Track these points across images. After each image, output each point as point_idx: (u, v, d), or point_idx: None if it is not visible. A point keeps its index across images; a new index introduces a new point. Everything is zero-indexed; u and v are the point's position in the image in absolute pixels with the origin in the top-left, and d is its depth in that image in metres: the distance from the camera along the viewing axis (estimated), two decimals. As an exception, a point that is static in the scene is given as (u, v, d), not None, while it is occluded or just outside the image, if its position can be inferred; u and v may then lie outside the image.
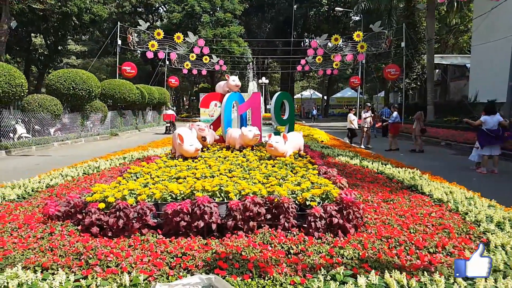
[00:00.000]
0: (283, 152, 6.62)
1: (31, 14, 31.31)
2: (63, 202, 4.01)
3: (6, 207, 4.86)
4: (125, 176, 5.03)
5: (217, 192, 3.98)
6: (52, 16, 33.97)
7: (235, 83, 9.54)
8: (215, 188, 4.00)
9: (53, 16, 34.13)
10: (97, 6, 36.75)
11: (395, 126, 14.42)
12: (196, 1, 36.76)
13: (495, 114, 9.94)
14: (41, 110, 14.85)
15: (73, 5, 33.49)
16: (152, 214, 3.82)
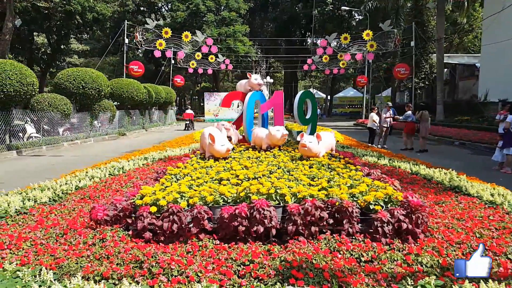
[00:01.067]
0: (316, 153, 6.42)
1: (35, 12, 31.03)
2: (111, 206, 3.79)
3: (40, 210, 4.65)
4: (167, 178, 4.81)
5: (273, 195, 3.77)
6: (55, 15, 33.69)
7: (257, 81, 9.34)
8: (271, 191, 3.79)
9: (57, 15, 33.85)
10: (100, 4, 36.53)
11: (410, 125, 14.21)
12: (200, 0, 36.50)
13: None
14: (51, 109, 14.60)
15: (76, 3, 33.23)
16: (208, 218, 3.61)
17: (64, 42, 37.70)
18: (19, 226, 4.08)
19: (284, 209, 3.73)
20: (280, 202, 3.77)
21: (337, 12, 44.03)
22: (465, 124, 19.26)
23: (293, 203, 3.72)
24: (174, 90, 31.56)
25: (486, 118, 20.09)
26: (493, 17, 19.99)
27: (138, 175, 6.74)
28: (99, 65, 50.91)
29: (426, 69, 26.33)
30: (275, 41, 48.40)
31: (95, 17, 36.35)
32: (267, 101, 9.47)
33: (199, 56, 31.01)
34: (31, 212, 4.58)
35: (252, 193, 3.76)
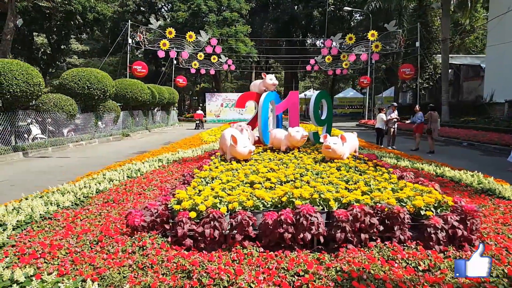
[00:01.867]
0: (340, 154, 6.26)
1: (35, 12, 30.77)
2: (147, 212, 3.61)
3: (65, 215, 4.46)
4: (197, 181, 4.62)
5: (317, 200, 3.60)
6: (56, 15, 33.44)
7: (272, 81, 9.17)
8: (315, 196, 3.62)
9: (57, 15, 33.60)
10: (101, 4, 36.25)
11: (420, 126, 14.09)
12: (202, 0, 36.31)
13: None
14: (56, 110, 14.39)
15: (77, 3, 32.99)
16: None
17: (64, 42, 37.46)
18: (46, 232, 3.89)
19: (328, 215, 3.57)
20: (324, 207, 3.60)
21: (338, 13, 44.01)
22: (471, 125, 19.14)
23: (337, 208, 3.55)
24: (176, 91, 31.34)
25: (492, 119, 20.02)
26: (498, 18, 19.92)
27: (157, 177, 6.55)
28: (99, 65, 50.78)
29: (430, 69, 26.24)
30: (275, 42, 48.28)
31: (95, 17, 36.12)
32: (282, 101, 9.31)
33: (201, 57, 30.81)
34: (56, 217, 4.40)
35: (295, 198, 3.58)
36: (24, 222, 4.12)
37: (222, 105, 38.05)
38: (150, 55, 48.15)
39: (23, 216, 4.15)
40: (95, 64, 51.28)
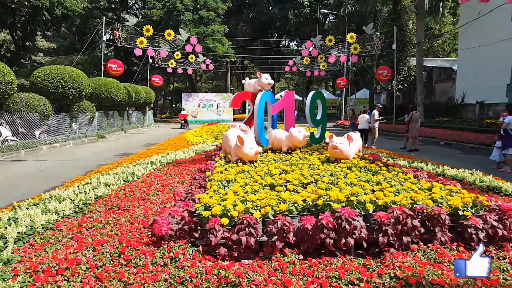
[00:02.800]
0: (347, 154, 6.17)
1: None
2: (173, 219, 3.32)
3: (69, 224, 4.08)
4: (214, 184, 4.35)
5: (355, 203, 3.43)
6: (21, 10, 31.82)
7: (268, 81, 9.00)
8: (353, 198, 3.46)
9: (22, 10, 31.99)
10: (70, 0, 34.80)
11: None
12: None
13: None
14: (29, 110, 13.56)
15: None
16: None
17: (30, 39, 35.65)
18: (52, 245, 3.52)
19: (364, 218, 3.41)
20: (361, 210, 3.45)
21: (313, 15, 44.43)
22: (446, 125, 19.75)
23: (372, 211, 3.41)
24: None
25: (465, 119, 20.75)
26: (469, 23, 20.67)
27: (156, 181, 6.20)
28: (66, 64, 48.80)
29: (405, 71, 26.91)
30: (251, 42, 48.16)
31: (64, 13, 34.67)
32: (277, 101, 9.14)
33: (178, 56, 30.16)
34: (58, 227, 4.01)
35: (332, 201, 3.40)
36: (25, 233, 3.72)
37: (199, 106, 37.51)
38: (121, 53, 46.78)
39: (23, 227, 3.75)
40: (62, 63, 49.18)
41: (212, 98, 38.73)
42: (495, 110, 19.82)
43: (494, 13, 16.73)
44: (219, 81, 66.88)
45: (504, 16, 18.56)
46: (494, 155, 10.37)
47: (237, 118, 39.38)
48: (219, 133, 15.84)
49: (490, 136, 14.99)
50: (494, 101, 19.88)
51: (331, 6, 38.79)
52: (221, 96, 39.51)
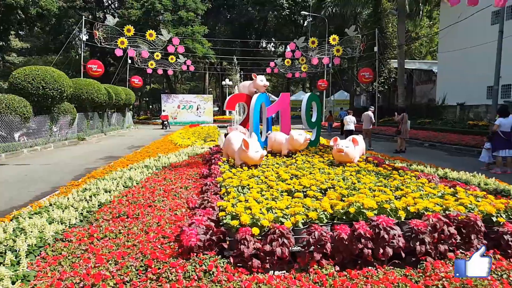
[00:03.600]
0: (352, 158, 6.13)
1: (-32, 5, 27.91)
2: (200, 229, 3.15)
3: (78, 235, 3.83)
4: (231, 190, 4.20)
5: (388, 211, 3.35)
6: (-7, 9, 30.56)
7: (263, 83, 8.90)
8: (386, 206, 3.38)
9: (-5, 9, 30.72)
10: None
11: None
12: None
13: (508, 116, 10.18)
14: (9, 112, 12.95)
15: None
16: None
17: (3, 38, 34.23)
18: (67, 258, 3.28)
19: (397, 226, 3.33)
20: (394, 218, 3.37)
21: (292, 17, 44.68)
22: (428, 127, 20.17)
23: (404, 218, 3.34)
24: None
25: (446, 120, 21.26)
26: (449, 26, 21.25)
27: (157, 186, 5.97)
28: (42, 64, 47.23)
29: (385, 73, 27.39)
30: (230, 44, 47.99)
31: (39, 13, 33.52)
32: (273, 103, 9.05)
33: (158, 56, 29.64)
34: (68, 238, 3.76)
35: (365, 208, 3.32)
36: (35, 246, 3.46)
37: (179, 107, 37.01)
38: (98, 54, 45.61)
39: (33, 239, 3.49)
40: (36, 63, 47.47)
41: (192, 100, 38.30)
42: (476, 111, 20.43)
43: (474, 17, 17.24)
44: (197, 82, 66.26)
45: (484, 20, 19.14)
46: (483, 156, 10.58)
47: (217, 120, 39.09)
48: (206, 135, 15.61)
49: (473, 137, 15.42)
50: (474, 103, 20.48)
51: (310, 8, 39.14)
52: (201, 98, 39.16)
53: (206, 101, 38.80)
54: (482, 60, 19.30)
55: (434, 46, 45.61)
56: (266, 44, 55.47)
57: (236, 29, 46.05)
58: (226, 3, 44.71)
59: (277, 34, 47.95)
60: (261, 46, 53.04)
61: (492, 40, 17.40)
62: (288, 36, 46.98)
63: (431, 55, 45.50)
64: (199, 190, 5.43)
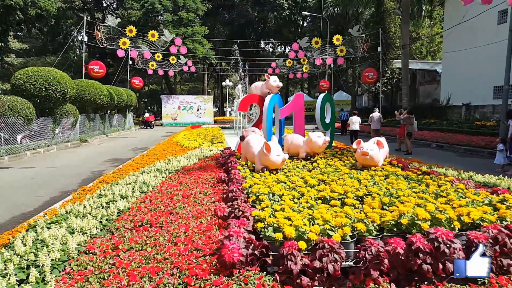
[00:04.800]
0: (377, 161, 5.90)
1: (-34, 5, 27.59)
2: (241, 243, 2.91)
3: (101, 247, 3.58)
4: (262, 198, 3.95)
5: (443, 222, 3.12)
6: (-8, 10, 30.19)
7: (276, 83, 8.66)
8: (441, 216, 3.14)
9: (-6, 10, 30.35)
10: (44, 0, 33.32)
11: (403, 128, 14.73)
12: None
13: None
14: (12, 114, 12.67)
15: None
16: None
17: (2, 39, 33.85)
18: (95, 274, 3.03)
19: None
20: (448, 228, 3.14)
21: (293, 17, 44.47)
22: (435, 127, 19.95)
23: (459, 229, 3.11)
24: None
25: (451, 121, 21.05)
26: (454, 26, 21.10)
27: (175, 191, 5.71)
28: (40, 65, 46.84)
29: (388, 74, 27.21)
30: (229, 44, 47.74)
31: (38, 13, 33.20)
32: (286, 105, 8.82)
33: (159, 57, 29.36)
34: (91, 250, 3.52)
35: (420, 220, 3.08)
36: (58, 260, 3.21)
37: (180, 108, 36.76)
38: (96, 55, 45.23)
39: (57, 253, 3.23)
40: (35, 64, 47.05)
41: (192, 101, 38.07)
42: (482, 112, 20.25)
43: (480, 16, 17.07)
44: (195, 83, 65.92)
45: (489, 19, 18.95)
46: (498, 158, 10.40)
47: (218, 120, 38.85)
48: (213, 137, 15.35)
49: (482, 138, 15.23)
50: (480, 103, 20.30)
51: (310, 9, 38.92)
52: (201, 98, 38.95)
53: (206, 102, 38.57)
54: (488, 60, 19.13)
55: (434, 46, 45.55)
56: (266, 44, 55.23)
57: (236, 30, 45.82)
58: (226, 3, 44.47)
59: (276, 35, 47.71)
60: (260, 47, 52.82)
61: (499, 40, 17.27)
62: (288, 37, 46.80)
63: (431, 55, 45.42)
64: (221, 196, 5.19)
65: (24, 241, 3.46)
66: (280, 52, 56.59)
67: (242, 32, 46.25)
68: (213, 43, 43.91)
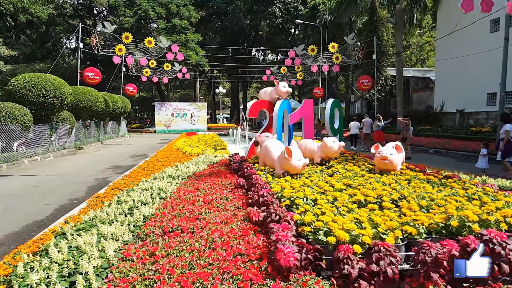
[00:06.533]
0: (396, 166, 5.92)
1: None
2: (294, 247, 2.85)
3: (137, 253, 3.49)
4: (298, 202, 3.91)
5: (492, 224, 3.12)
6: (-18, 15, 29.82)
7: (286, 89, 8.69)
8: (490, 218, 3.14)
9: (-16, 15, 29.99)
10: (35, 6, 33.00)
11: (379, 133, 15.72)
12: (150, 6, 34.65)
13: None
14: (9, 121, 12.42)
15: (8, 3, 29.79)
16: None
17: (-9, 45, 33.39)
18: (140, 282, 2.94)
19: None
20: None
21: (285, 25, 44.83)
22: (430, 133, 20.22)
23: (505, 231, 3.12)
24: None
25: (445, 127, 21.38)
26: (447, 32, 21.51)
27: (195, 197, 5.63)
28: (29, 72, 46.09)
29: (382, 81, 27.55)
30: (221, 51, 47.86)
31: (28, 20, 32.88)
32: (296, 111, 8.82)
33: (153, 64, 29.23)
34: (128, 257, 3.42)
35: (469, 222, 3.07)
36: (100, 267, 3.11)
37: (173, 115, 36.56)
38: (88, 62, 44.81)
39: (98, 260, 3.14)
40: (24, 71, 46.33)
41: (186, 108, 37.92)
42: (476, 118, 20.60)
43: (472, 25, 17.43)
44: (187, 90, 65.76)
45: (481, 28, 19.37)
46: (480, 162, 10.58)
47: (211, 127, 38.76)
48: (215, 144, 15.27)
49: (478, 143, 15.48)
50: (474, 110, 20.66)
51: (302, 17, 39.30)
52: (195, 105, 38.87)
53: (200, 109, 38.48)
54: (481, 67, 19.53)
55: (424, 54, 46.37)
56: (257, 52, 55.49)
57: (228, 37, 45.96)
58: (219, 11, 44.62)
59: (269, 43, 48.01)
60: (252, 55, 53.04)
61: (491, 48, 17.65)
62: (280, 45, 47.12)
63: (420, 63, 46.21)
64: (244, 202, 5.14)
65: (60, 248, 3.35)
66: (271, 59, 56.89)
67: (234, 39, 46.44)
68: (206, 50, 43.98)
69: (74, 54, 44.55)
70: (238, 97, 55.77)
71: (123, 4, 35.42)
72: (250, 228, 4.00)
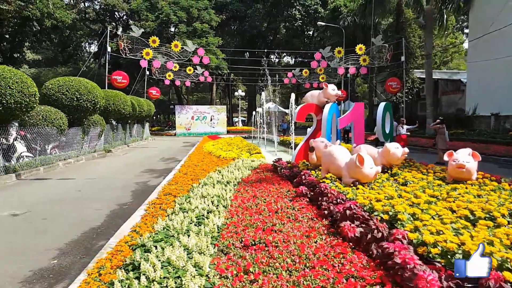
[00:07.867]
0: (472, 174, 5.53)
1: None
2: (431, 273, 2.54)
3: (232, 270, 3.21)
4: (401, 217, 3.59)
5: None
6: (10, 20, 30.28)
7: (335, 92, 8.37)
8: None
9: (11, 20, 30.46)
10: (60, 11, 33.43)
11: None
12: (171, 10, 34.78)
13: None
14: (45, 124, 12.41)
15: (35, 8, 30.20)
16: None
17: (18, 50, 33.92)
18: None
19: None
20: None
21: (305, 28, 44.51)
22: (465, 137, 19.55)
23: None
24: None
25: (479, 131, 20.66)
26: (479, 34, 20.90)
27: (259, 206, 5.35)
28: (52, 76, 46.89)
29: (409, 83, 26.95)
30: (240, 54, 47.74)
31: (54, 24, 33.33)
32: (346, 114, 8.49)
33: (176, 67, 29.26)
34: (223, 274, 3.15)
35: None
36: (203, 286, 2.85)
37: (193, 118, 36.57)
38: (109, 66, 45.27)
39: (200, 278, 2.88)
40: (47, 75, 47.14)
41: (205, 111, 37.92)
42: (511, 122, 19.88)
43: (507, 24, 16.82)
44: (203, 93, 65.90)
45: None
46: None
47: (230, 130, 38.64)
48: (247, 147, 15.01)
49: (521, 148, 14.87)
50: (510, 113, 19.95)
51: (323, 19, 38.92)
52: (215, 108, 38.89)
53: (219, 112, 38.44)
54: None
55: (448, 56, 45.40)
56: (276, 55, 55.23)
57: (247, 41, 45.84)
58: (238, 15, 44.57)
59: (288, 45, 47.69)
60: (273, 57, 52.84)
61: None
62: (299, 47, 46.78)
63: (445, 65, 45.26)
64: (316, 213, 4.85)
65: (154, 265, 3.10)
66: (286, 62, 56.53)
67: (252, 42, 46.29)
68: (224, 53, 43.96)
69: (96, 59, 44.96)
70: (255, 99, 55.55)
71: (145, 8, 35.64)
72: (341, 244, 3.69)
